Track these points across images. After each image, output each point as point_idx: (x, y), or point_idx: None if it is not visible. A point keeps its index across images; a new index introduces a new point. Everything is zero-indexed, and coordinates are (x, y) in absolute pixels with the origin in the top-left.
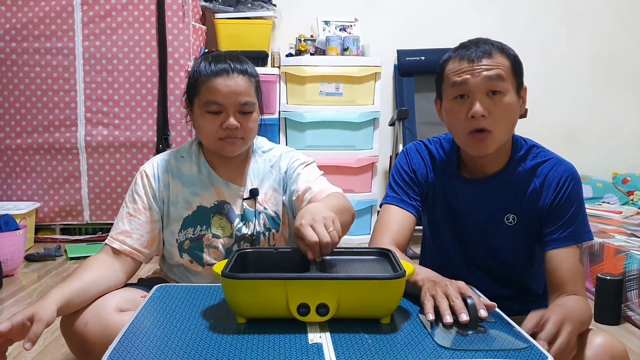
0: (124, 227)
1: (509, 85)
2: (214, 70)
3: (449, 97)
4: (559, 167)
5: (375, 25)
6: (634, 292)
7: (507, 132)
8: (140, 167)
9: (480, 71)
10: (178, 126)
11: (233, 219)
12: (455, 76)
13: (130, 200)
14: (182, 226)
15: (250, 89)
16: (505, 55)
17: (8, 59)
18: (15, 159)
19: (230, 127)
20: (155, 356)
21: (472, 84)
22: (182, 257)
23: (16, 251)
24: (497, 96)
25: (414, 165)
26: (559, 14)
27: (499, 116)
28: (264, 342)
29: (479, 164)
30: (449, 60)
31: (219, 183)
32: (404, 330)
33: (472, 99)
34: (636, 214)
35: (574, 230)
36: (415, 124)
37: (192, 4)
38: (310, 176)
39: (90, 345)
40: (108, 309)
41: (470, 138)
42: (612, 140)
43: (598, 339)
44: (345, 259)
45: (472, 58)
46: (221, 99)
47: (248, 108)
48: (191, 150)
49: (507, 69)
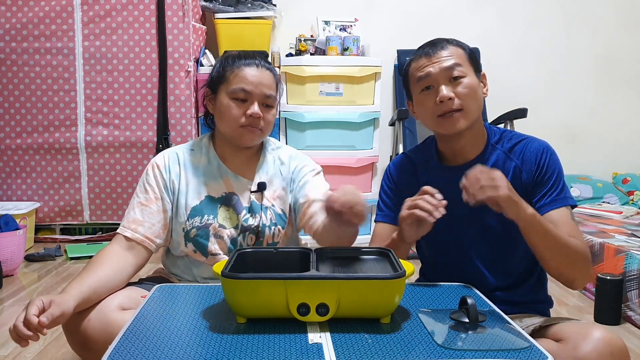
0: (135, 216)
1: (467, 69)
2: (244, 62)
3: (417, 92)
4: (534, 143)
5: (375, 25)
6: (634, 292)
7: (475, 110)
8: (152, 159)
9: (439, 63)
10: (178, 126)
11: (240, 210)
12: (418, 72)
13: (141, 190)
14: (189, 215)
15: (273, 85)
16: (458, 46)
17: (8, 59)
18: (15, 159)
19: (254, 115)
20: (155, 356)
21: (433, 74)
22: (187, 246)
23: (16, 251)
24: (458, 81)
25: (395, 178)
26: (559, 14)
27: (464, 95)
28: (264, 342)
29: (456, 150)
30: (411, 62)
31: (228, 175)
32: (404, 330)
33: (437, 87)
34: (636, 214)
35: (559, 194)
36: (416, 124)
37: (192, 4)
38: (319, 188)
39: (91, 343)
40: (110, 307)
41: (441, 119)
42: (613, 140)
43: (597, 333)
44: (345, 259)
45: (429, 54)
46: (249, 87)
47: (271, 102)
48: (202, 143)
49: (462, 56)
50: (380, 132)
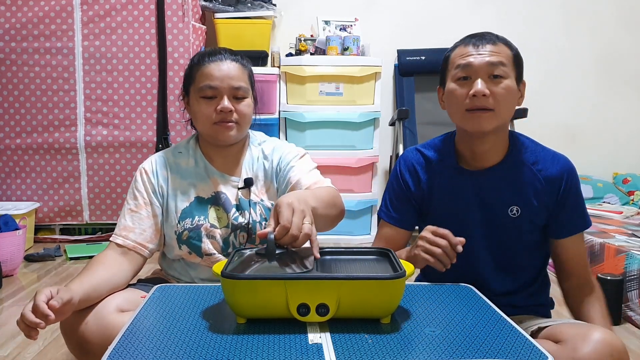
0: (126, 223)
1: (509, 72)
2: (208, 59)
3: (452, 79)
4: (558, 163)
5: (375, 25)
6: (634, 292)
7: (506, 113)
8: (140, 166)
9: (484, 56)
10: (178, 126)
11: (229, 209)
12: (460, 59)
13: (131, 197)
14: (180, 217)
15: (243, 75)
16: (508, 46)
17: (8, 58)
18: (15, 159)
19: (224, 110)
20: (155, 356)
21: (475, 66)
22: (181, 248)
23: (16, 251)
24: (498, 79)
25: (405, 178)
26: (559, 13)
27: (499, 96)
28: (264, 342)
29: (477, 155)
30: (456, 48)
31: (215, 175)
32: (404, 330)
33: (475, 79)
34: (637, 214)
35: (579, 219)
36: (416, 124)
37: (192, 4)
38: (303, 168)
39: (90, 345)
40: (108, 309)
41: (470, 114)
42: (613, 140)
43: (597, 334)
44: (345, 259)
45: (476, 44)
46: (215, 82)
47: (241, 93)
48: (188, 145)
49: (508, 58)
50: (380, 132)
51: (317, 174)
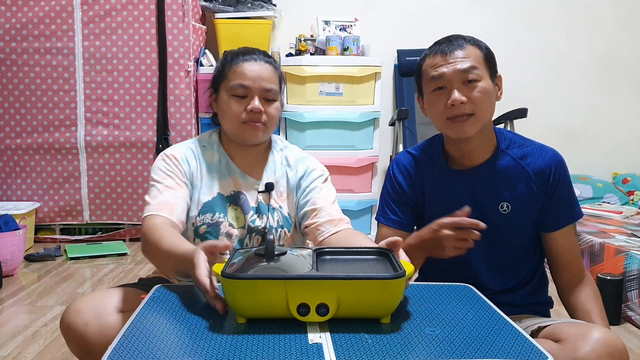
0: (166, 198)
1: (483, 72)
2: (242, 58)
3: (429, 91)
4: (546, 156)
5: (375, 25)
6: (634, 292)
7: (486, 114)
8: (163, 152)
9: (455, 63)
10: (178, 126)
11: (247, 210)
12: (432, 70)
13: (161, 178)
14: (201, 210)
15: (274, 78)
16: (477, 46)
17: (8, 58)
18: (15, 159)
19: (254, 109)
20: (155, 356)
21: (448, 75)
22: (195, 242)
23: (16, 251)
24: (472, 84)
25: (399, 180)
26: (559, 14)
27: (477, 100)
28: (264, 342)
29: (465, 153)
30: (426, 57)
31: (236, 174)
32: (404, 330)
33: (450, 88)
34: (636, 214)
35: (570, 211)
36: (416, 123)
37: (192, 4)
38: (328, 198)
39: (90, 346)
40: (108, 309)
41: (451, 122)
42: (613, 140)
43: (596, 334)
44: (345, 259)
45: (445, 52)
46: (248, 82)
47: (272, 95)
48: (211, 139)
49: (479, 58)
50: (380, 132)
51: (339, 208)
